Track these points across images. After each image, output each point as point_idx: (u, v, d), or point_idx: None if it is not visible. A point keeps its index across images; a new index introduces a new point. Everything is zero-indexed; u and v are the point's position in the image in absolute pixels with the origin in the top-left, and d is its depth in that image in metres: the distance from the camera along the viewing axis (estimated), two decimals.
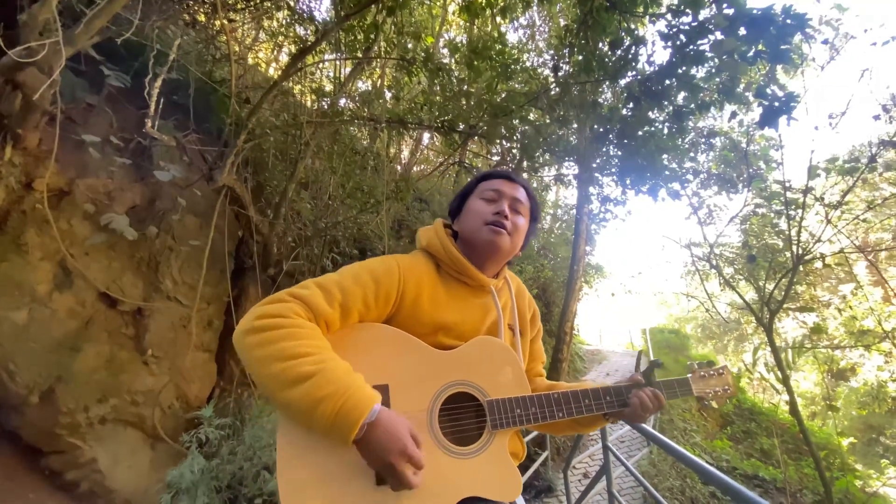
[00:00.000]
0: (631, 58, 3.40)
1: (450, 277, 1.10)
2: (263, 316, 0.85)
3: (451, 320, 1.04)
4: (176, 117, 3.71)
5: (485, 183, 1.18)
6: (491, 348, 1.04)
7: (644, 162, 4.15)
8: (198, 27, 4.49)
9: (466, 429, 0.99)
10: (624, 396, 1.09)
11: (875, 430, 14.17)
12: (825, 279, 11.72)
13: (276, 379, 0.80)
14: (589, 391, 1.07)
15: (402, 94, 5.72)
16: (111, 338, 3.26)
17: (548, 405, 1.03)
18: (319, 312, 0.88)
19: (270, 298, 0.89)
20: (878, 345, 8.79)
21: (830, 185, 6.89)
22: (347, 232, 5.26)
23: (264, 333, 0.82)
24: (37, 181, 2.95)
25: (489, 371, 1.02)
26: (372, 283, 0.98)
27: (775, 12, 2.61)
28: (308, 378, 0.78)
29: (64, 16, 2.76)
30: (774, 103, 2.69)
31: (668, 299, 24.24)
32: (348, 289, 0.94)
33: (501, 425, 0.98)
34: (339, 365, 0.83)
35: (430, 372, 0.98)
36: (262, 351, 0.82)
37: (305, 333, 0.84)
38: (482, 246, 1.10)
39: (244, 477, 2.97)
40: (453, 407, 0.99)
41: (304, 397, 0.78)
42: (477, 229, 1.11)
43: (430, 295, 1.04)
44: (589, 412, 1.06)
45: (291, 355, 0.80)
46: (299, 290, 0.91)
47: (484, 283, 1.11)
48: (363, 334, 0.97)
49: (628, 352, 15.99)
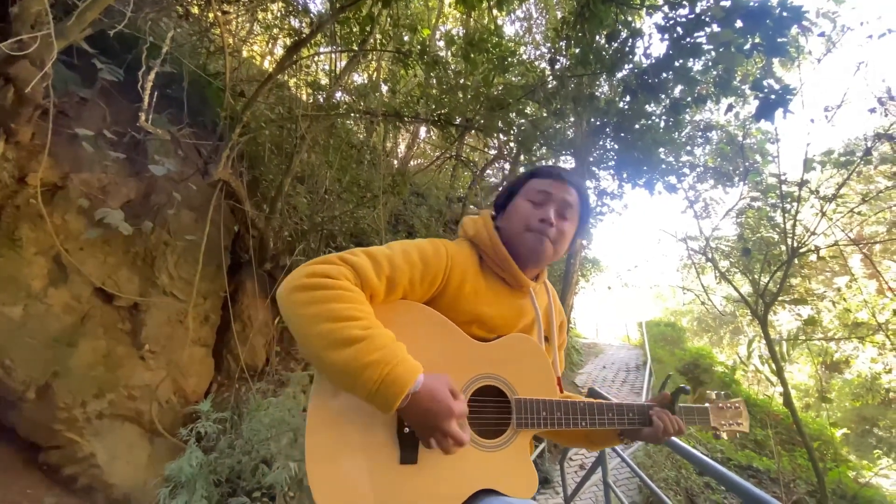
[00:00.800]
0: (628, 50, 3.39)
1: (490, 272, 1.08)
2: (314, 275, 0.82)
3: (488, 313, 1.03)
4: (170, 111, 3.68)
5: (535, 181, 1.12)
6: (525, 347, 1.04)
7: (641, 155, 4.16)
8: (191, 19, 4.44)
9: (490, 422, 0.99)
10: (647, 416, 1.08)
11: (868, 421, 14.31)
12: (820, 272, 11.79)
13: (324, 338, 0.78)
14: (613, 405, 1.07)
15: (398, 87, 5.69)
16: (107, 333, 3.26)
17: (573, 413, 1.03)
18: (367, 282, 0.87)
19: (319, 259, 0.86)
20: (872, 337, 8.87)
21: (826, 178, 6.92)
22: (344, 226, 5.26)
23: (314, 292, 0.81)
24: (30, 176, 2.93)
25: (521, 369, 1.01)
26: (420, 262, 0.96)
27: (772, 4, 2.61)
28: (356, 342, 0.78)
29: (56, 8, 2.72)
30: (771, 96, 2.69)
31: (665, 293, 24.35)
32: (397, 264, 0.92)
33: (526, 425, 0.98)
34: (385, 332, 0.83)
35: (464, 361, 0.98)
36: (310, 309, 0.80)
37: (355, 297, 0.83)
38: (524, 251, 1.07)
39: (242, 470, 2.98)
40: (481, 399, 0.99)
41: (350, 361, 0.77)
42: (519, 233, 1.07)
43: (473, 285, 1.02)
44: (611, 426, 1.06)
45: (340, 317, 0.79)
46: (349, 255, 0.89)
47: (524, 284, 1.09)
48: (404, 311, 0.96)
49: (625, 345, 16.08)
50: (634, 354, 13.27)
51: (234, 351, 4.00)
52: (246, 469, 2.96)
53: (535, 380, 1.02)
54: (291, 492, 2.72)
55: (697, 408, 1.17)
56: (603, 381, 10.10)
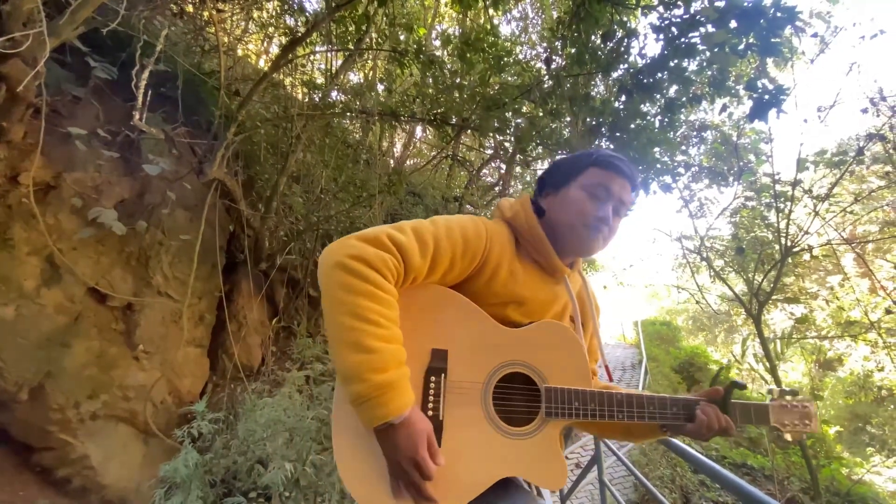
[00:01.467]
0: (623, 50, 3.40)
1: (526, 255, 1.06)
2: (359, 258, 0.83)
3: (524, 295, 1.01)
4: (164, 110, 3.66)
5: (598, 172, 1.05)
6: (558, 334, 1.00)
7: (636, 155, 4.16)
8: (185, 18, 4.42)
9: (518, 410, 0.97)
10: (692, 410, 1.00)
11: (861, 419, 14.44)
12: (813, 271, 11.88)
13: (343, 332, 0.81)
14: (655, 398, 1.01)
15: (394, 86, 5.68)
16: (101, 333, 3.23)
17: (608, 404, 0.98)
18: (411, 265, 0.88)
19: (370, 237, 0.87)
20: (865, 335, 8.95)
21: (819, 178, 6.97)
22: (340, 226, 5.24)
23: (352, 279, 0.82)
24: (22, 175, 2.90)
25: (552, 357, 0.98)
26: (461, 240, 0.95)
27: (766, 5, 2.62)
28: (367, 352, 0.80)
29: (48, 6, 2.70)
30: (764, 96, 2.71)
31: (660, 292, 24.46)
32: (441, 243, 0.92)
33: (556, 415, 0.96)
34: (398, 353, 0.84)
35: (493, 346, 0.96)
36: (342, 295, 0.82)
37: (385, 300, 0.84)
38: (573, 244, 1.05)
39: (238, 471, 2.97)
40: (509, 385, 0.97)
41: (355, 367, 0.80)
42: (572, 226, 1.04)
43: (509, 266, 1.01)
44: (651, 420, 1.00)
45: (364, 318, 0.81)
46: (398, 234, 0.89)
47: (559, 270, 1.07)
48: (434, 295, 0.96)
49: (620, 344, 16.14)
50: (630, 353, 13.33)
51: (230, 351, 3.98)
52: (242, 469, 2.95)
53: (567, 368, 0.99)
54: (287, 492, 2.71)
55: (755, 405, 1.06)
56: (599, 379, 10.13)
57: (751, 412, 1.05)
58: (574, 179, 1.06)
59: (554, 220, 1.06)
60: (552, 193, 1.09)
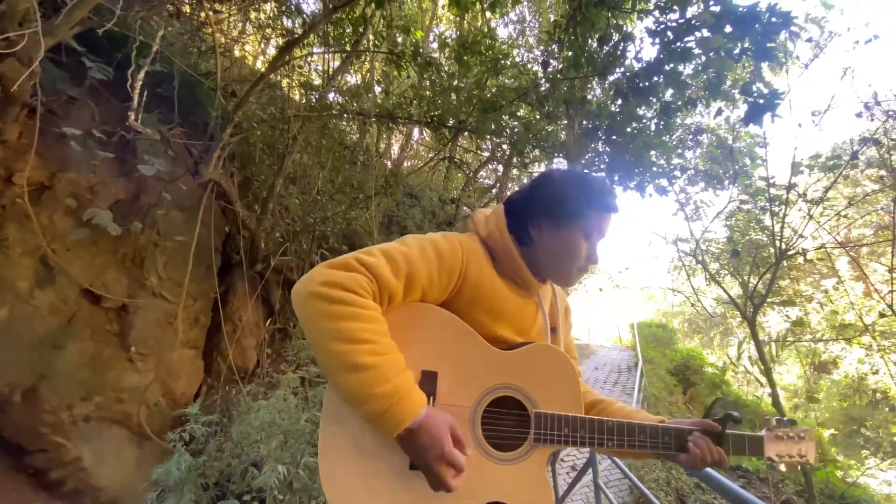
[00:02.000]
0: (619, 54, 3.42)
1: (503, 273, 1.04)
2: (332, 284, 0.82)
3: (509, 311, 1.01)
4: (160, 110, 3.65)
5: (596, 215, 1.05)
6: (550, 358, 0.99)
7: (632, 158, 4.19)
8: (182, 18, 4.41)
9: (507, 435, 0.96)
10: (684, 440, 0.99)
11: (856, 421, 14.51)
12: (808, 274, 11.95)
13: (336, 359, 0.80)
14: (647, 428, 0.99)
15: (391, 88, 5.68)
16: (95, 335, 3.22)
17: (598, 432, 0.97)
18: (385, 284, 0.86)
19: (338, 263, 0.85)
20: (859, 338, 9.00)
21: (814, 182, 7.02)
22: (336, 227, 5.23)
23: (332, 306, 0.81)
24: (17, 175, 2.89)
25: (544, 381, 0.97)
26: (436, 258, 0.94)
27: (761, 10, 2.64)
28: (365, 370, 0.79)
29: (44, 5, 2.69)
30: (759, 100, 2.73)
31: (656, 294, 24.53)
32: (414, 262, 0.90)
33: (545, 441, 0.95)
34: (396, 362, 0.83)
35: (483, 369, 0.95)
36: (326, 324, 0.80)
37: (370, 316, 0.82)
38: (556, 277, 1.08)
39: (232, 474, 2.95)
40: (499, 409, 0.96)
41: (357, 388, 0.79)
42: (565, 266, 1.05)
43: (491, 282, 1.00)
44: (642, 449, 0.99)
45: (353, 339, 0.79)
46: (367, 256, 0.87)
47: (535, 287, 1.08)
48: (423, 315, 0.95)
49: (616, 346, 16.18)
50: (626, 356, 13.35)
51: (224, 353, 3.96)
52: (235, 472, 2.93)
53: (559, 393, 0.98)
54: (281, 495, 2.69)
55: (750, 437, 1.05)
56: (595, 381, 10.14)
57: (745, 444, 1.04)
58: (574, 223, 1.04)
59: (543, 252, 1.05)
60: (549, 228, 1.05)
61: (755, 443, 1.05)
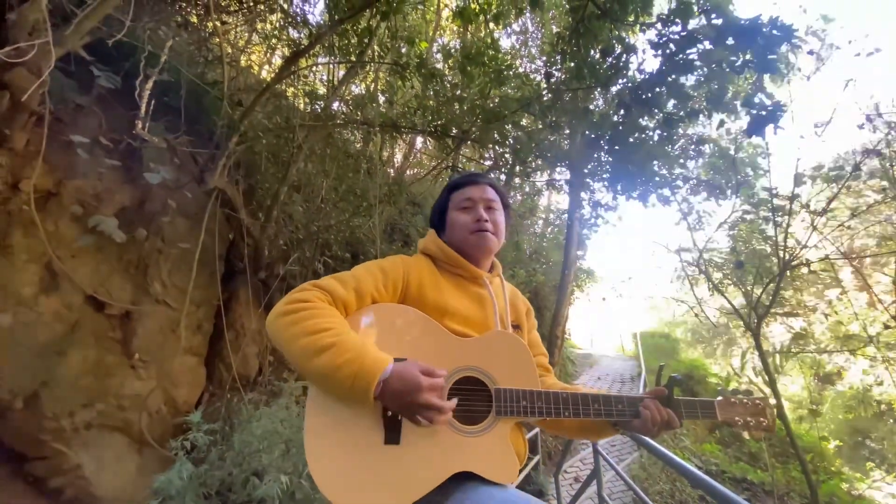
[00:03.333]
0: (622, 65, 3.44)
1: (447, 272, 1.22)
2: (292, 301, 0.99)
3: (453, 305, 1.14)
4: (167, 119, 3.68)
5: (456, 193, 1.29)
6: (506, 342, 1.11)
7: (635, 168, 4.20)
8: (190, 28, 4.46)
9: (472, 410, 1.04)
10: (637, 407, 1.08)
11: (861, 433, 14.36)
12: (812, 284, 11.89)
13: (304, 350, 0.92)
14: (600, 396, 1.09)
15: (395, 98, 5.73)
16: (98, 342, 3.22)
17: (555, 402, 1.05)
18: (337, 296, 1.02)
19: (297, 288, 1.03)
20: (864, 350, 8.93)
21: (816, 193, 7.01)
22: (340, 235, 5.24)
23: (293, 315, 0.96)
24: (23, 182, 2.91)
25: (502, 362, 1.07)
26: (380, 272, 1.12)
27: (763, 23, 2.67)
28: (329, 348, 0.91)
29: (53, 15, 2.73)
30: (761, 112, 2.74)
31: (659, 304, 24.43)
32: (361, 277, 1.09)
33: (506, 413, 1.03)
34: (355, 336, 0.96)
35: (446, 354, 1.05)
36: (291, 329, 0.95)
37: (326, 313, 0.97)
38: (474, 248, 1.23)
39: (233, 483, 2.93)
40: (464, 388, 1.05)
41: (326, 364, 0.90)
42: (464, 239, 1.23)
43: (433, 283, 1.16)
44: (597, 416, 1.08)
45: (315, 330, 0.93)
46: (318, 281, 1.06)
47: (478, 275, 1.22)
48: (392, 312, 1.09)
49: (619, 355, 16.09)
50: (629, 365, 13.28)
51: (227, 360, 3.96)
52: (237, 481, 2.91)
53: (516, 373, 1.07)
54: None
55: (701, 400, 1.14)
56: None
57: (696, 407, 1.12)
58: (447, 209, 1.29)
59: (454, 242, 1.25)
60: (443, 229, 1.30)
61: (706, 406, 1.13)
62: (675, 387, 1.09)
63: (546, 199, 13.45)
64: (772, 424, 1.14)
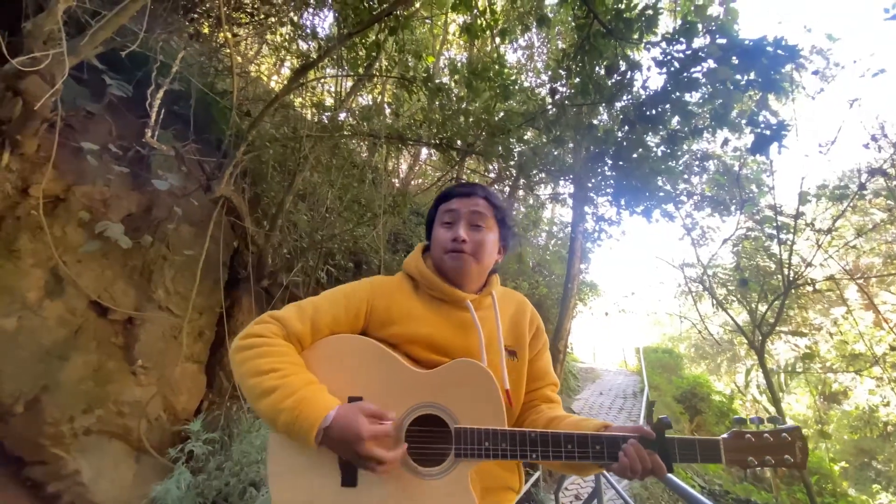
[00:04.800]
0: (626, 82, 3.47)
1: (427, 295, 1.14)
2: (246, 336, 0.99)
3: (423, 333, 1.07)
4: (176, 127, 3.73)
5: (443, 206, 1.19)
6: (469, 372, 1.00)
7: (639, 183, 4.21)
8: (201, 39, 4.54)
9: (431, 451, 0.97)
10: (617, 449, 0.93)
11: (867, 454, 14.13)
12: (817, 302, 11.81)
13: (250, 392, 0.93)
14: (575, 437, 0.95)
15: (401, 110, 5.78)
16: (100, 347, 3.22)
17: (521, 444, 0.95)
18: (292, 330, 1.00)
19: (256, 320, 1.02)
20: (870, 370, 8.83)
21: (822, 211, 7.00)
22: (343, 245, 5.27)
23: (245, 352, 0.96)
24: (33, 187, 2.94)
25: (464, 397, 0.98)
26: (343, 299, 1.09)
27: (767, 44, 2.69)
28: (271, 392, 0.89)
29: (68, 25, 2.78)
30: (766, 131, 2.75)
31: (662, 318, 24.29)
32: (320, 307, 1.06)
33: (466, 455, 0.94)
34: (300, 379, 0.93)
35: (406, 389, 0.99)
36: (242, 368, 0.95)
37: (276, 351, 0.96)
38: (449, 271, 1.13)
39: (230, 493, 2.91)
40: (424, 428, 0.98)
41: (268, 409, 0.89)
42: (440, 258, 1.14)
43: (402, 309, 1.10)
44: (569, 459, 0.94)
45: (260, 371, 0.92)
46: (279, 311, 1.04)
47: (458, 299, 1.12)
48: (345, 345, 1.04)
49: (622, 370, 15.96)
50: (632, 381, 13.16)
51: (227, 368, 3.95)
52: (234, 492, 2.89)
53: (479, 408, 0.98)
54: None
55: (701, 441, 0.94)
56: (600, 407, 9.98)
57: (695, 448, 0.94)
58: (434, 222, 1.20)
59: (435, 260, 1.17)
60: (430, 241, 1.21)
61: (709, 447, 0.94)
62: (664, 431, 0.93)
63: (549, 212, 13.48)
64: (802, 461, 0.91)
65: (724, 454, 0.93)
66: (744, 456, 0.93)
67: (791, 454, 0.92)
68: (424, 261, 1.19)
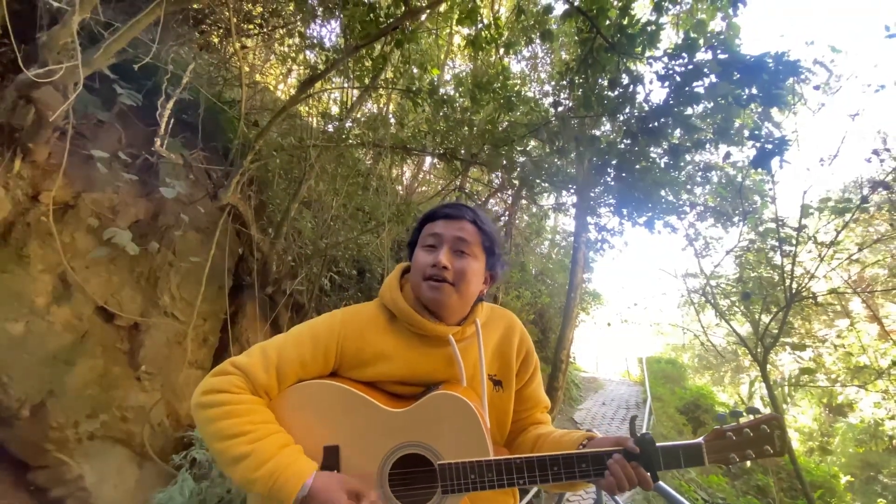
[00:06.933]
0: (629, 96, 3.51)
1: (405, 329, 1.06)
2: (209, 391, 0.91)
3: (399, 374, 1.02)
4: (184, 135, 3.79)
5: (426, 227, 1.10)
6: (447, 405, 0.96)
7: (641, 195, 4.24)
8: (211, 50, 4.62)
9: (417, 491, 0.95)
10: (603, 465, 0.92)
11: (873, 467, 13.96)
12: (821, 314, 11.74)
13: (220, 457, 0.88)
14: (560, 458, 0.94)
15: (406, 120, 5.85)
16: (105, 352, 3.25)
17: (507, 472, 0.93)
18: (258, 383, 0.94)
19: (216, 370, 0.95)
20: (875, 383, 8.76)
21: (825, 223, 6.99)
22: (348, 252, 5.30)
23: (209, 410, 0.89)
24: (43, 194, 2.99)
25: (444, 431, 0.95)
26: (310, 341, 1.01)
27: (768, 60, 2.72)
28: (243, 459, 0.85)
29: (81, 36, 2.85)
30: (767, 145, 2.78)
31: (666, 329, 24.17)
32: (285, 352, 0.98)
33: (453, 491, 0.92)
34: (273, 442, 0.88)
35: (383, 431, 0.96)
36: (207, 428, 0.89)
37: (243, 409, 0.90)
38: (426, 300, 1.05)
39: (232, 500, 2.92)
40: (407, 469, 0.96)
41: (242, 476, 0.85)
42: (417, 285, 1.06)
43: (375, 350, 1.03)
44: (556, 480, 0.93)
45: (229, 435, 0.86)
46: (243, 358, 0.97)
47: (439, 335, 1.05)
48: (315, 394, 0.99)
49: (625, 380, 15.87)
50: (635, 391, 13.09)
51: None
52: (235, 499, 2.90)
53: (462, 440, 0.95)
54: None
55: (685, 447, 0.95)
56: (602, 417, 9.93)
57: (679, 454, 0.95)
58: (418, 243, 1.11)
59: (413, 287, 1.08)
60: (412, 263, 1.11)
61: (691, 451, 0.95)
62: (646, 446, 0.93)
63: (552, 220, 13.50)
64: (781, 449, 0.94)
65: (706, 456, 0.95)
66: (725, 454, 0.95)
67: (770, 445, 0.94)
68: (402, 287, 1.11)
